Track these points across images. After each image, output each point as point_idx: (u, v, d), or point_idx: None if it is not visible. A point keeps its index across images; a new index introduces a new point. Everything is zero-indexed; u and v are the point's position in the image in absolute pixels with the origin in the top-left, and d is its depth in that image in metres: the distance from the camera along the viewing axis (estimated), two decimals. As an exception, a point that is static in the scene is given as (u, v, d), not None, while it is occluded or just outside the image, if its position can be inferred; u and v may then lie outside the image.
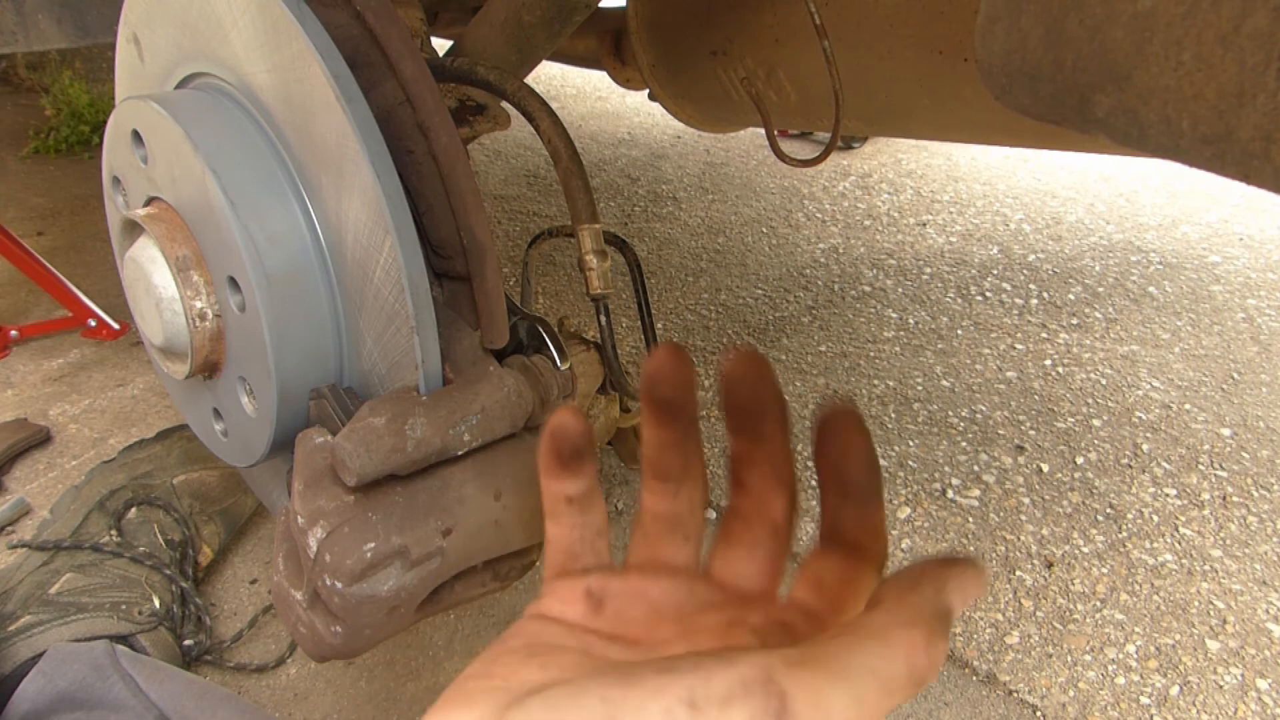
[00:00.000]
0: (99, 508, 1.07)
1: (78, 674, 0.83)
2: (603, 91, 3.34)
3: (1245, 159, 0.27)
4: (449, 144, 0.55)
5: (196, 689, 0.84)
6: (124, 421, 1.45)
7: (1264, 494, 1.33)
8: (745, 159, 2.69)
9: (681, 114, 1.19)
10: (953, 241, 2.17)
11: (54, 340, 1.67)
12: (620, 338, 1.69)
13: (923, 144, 2.74)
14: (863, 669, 0.28)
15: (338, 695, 1.00)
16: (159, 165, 0.61)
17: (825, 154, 0.91)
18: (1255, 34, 0.26)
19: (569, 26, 0.82)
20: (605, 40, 1.23)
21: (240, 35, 0.56)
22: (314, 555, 0.51)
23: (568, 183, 0.72)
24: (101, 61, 2.97)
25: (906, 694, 0.29)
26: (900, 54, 0.84)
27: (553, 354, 0.63)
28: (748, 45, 1.00)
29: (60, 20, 0.86)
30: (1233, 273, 2.02)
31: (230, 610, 1.11)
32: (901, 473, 1.37)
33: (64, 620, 0.93)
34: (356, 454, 0.51)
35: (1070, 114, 0.34)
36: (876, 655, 0.28)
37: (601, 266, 0.73)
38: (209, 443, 0.71)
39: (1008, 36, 0.36)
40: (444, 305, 0.60)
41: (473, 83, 0.76)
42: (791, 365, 1.65)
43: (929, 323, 1.80)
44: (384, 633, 0.56)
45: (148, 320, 0.62)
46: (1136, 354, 1.69)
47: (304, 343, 0.58)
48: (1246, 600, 1.14)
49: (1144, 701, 1.01)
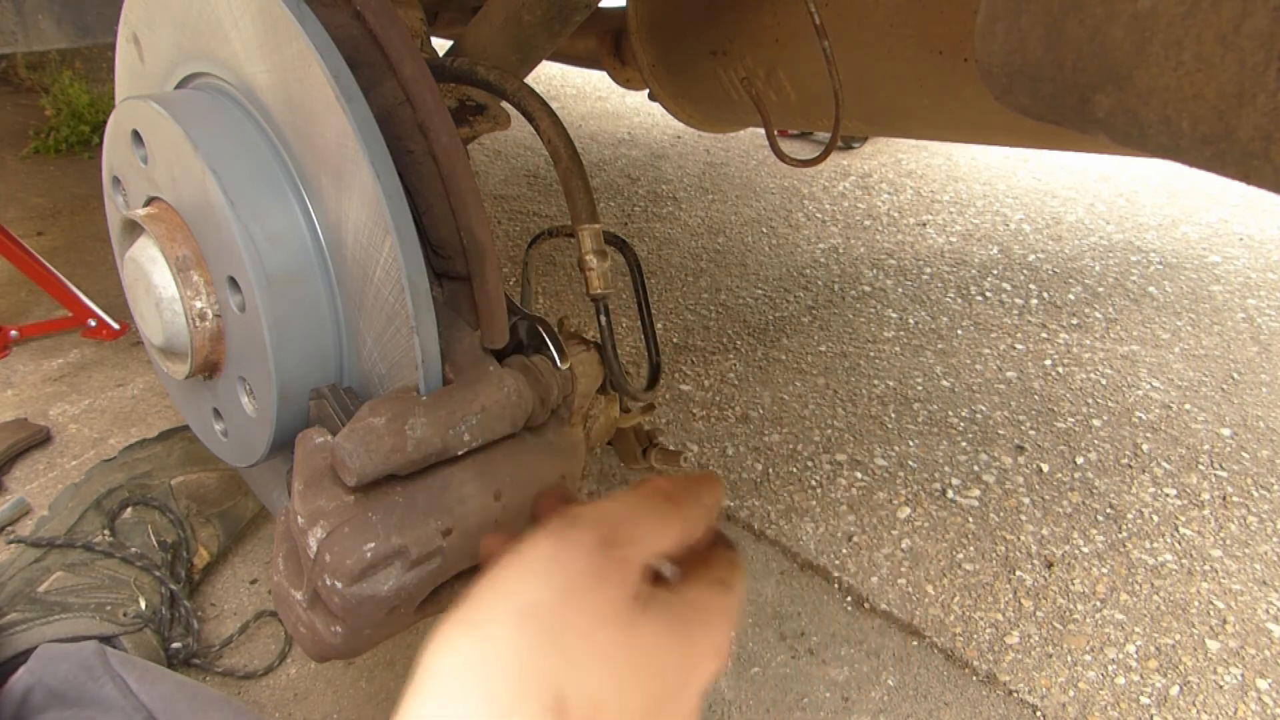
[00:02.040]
0: (96, 507, 1.07)
1: (67, 673, 0.83)
2: (603, 91, 3.34)
3: (1245, 159, 0.27)
4: (449, 144, 0.55)
5: (188, 690, 0.84)
6: (124, 421, 1.45)
7: (1264, 494, 1.33)
8: (745, 159, 2.69)
9: (681, 114, 1.19)
10: (953, 241, 2.17)
11: (54, 340, 1.67)
12: (620, 338, 1.69)
13: (923, 144, 2.74)
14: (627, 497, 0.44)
15: (338, 695, 1.00)
16: (159, 165, 0.61)
17: (825, 154, 0.91)
18: (1255, 34, 0.26)
19: (569, 26, 0.82)
20: (605, 40, 1.23)
21: (240, 35, 0.56)
22: (314, 555, 0.51)
23: (568, 183, 0.72)
24: (101, 61, 2.97)
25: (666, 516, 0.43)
26: (900, 54, 0.84)
27: (553, 354, 0.63)
28: (748, 45, 1.00)
29: (60, 20, 0.86)
30: (1233, 273, 2.02)
31: (231, 610, 1.11)
32: (901, 473, 1.37)
33: (47, 619, 0.93)
34: (356, 454, 0.51)
35: (1070, 114, 0.34)
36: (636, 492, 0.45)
37: (601, 266, 0.73)
38: (209, 443, 0.71)
39: (1008, 36, 0.36)
40: (444, 305, 0.60)
41: (473, 83, 0.76)
42: (791, 365, 1.65)
43: (929, 323, 1.80)
44: (384, 633, 0.56)
45: (148, 320, 0.62)
46: (1136, 354, 1.69)
47: (304, 343, 0.58)
48: (1246, 600, 1.14)
49: (1144, 701, 1.01)
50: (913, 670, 1.05)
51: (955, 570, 1.19)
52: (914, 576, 1.18)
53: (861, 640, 1.09)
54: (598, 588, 0.39)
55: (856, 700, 1.01)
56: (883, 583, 1.17)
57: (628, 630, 0.39)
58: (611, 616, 0.39)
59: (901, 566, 1.19)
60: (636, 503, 0.44)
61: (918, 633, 1.10)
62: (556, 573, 0.39)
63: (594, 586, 0.39)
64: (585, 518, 0.42)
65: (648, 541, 0.42)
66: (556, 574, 0.39)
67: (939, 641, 1.08)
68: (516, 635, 0.37)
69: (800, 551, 1.22)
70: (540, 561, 0.39)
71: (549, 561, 0.39)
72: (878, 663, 1.06)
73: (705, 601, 0.43)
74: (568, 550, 0.40)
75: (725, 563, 0.46)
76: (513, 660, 0.36)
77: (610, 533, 0.41)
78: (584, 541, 0.40)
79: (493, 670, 0.36)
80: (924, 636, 1.09)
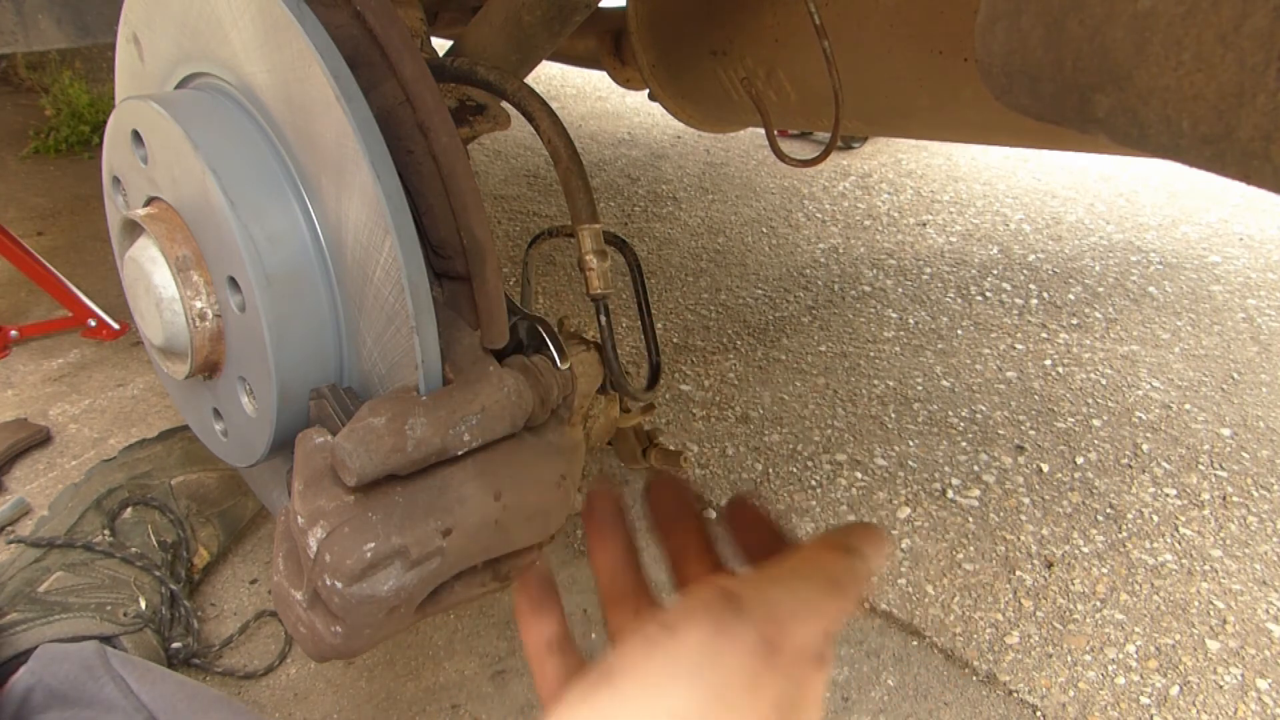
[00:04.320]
0: (96, 506, 1.07)
1: (68, 673, 0.83)
2: (603, 91, 3.34)
3: (1245, 159, 0.27)
4: (449, 144, 0.55)
5: (188, 690, 0.84)
6: (124, 421, 1.45)
7: (1264, 494, 1.33)
8: (745, 159, 2.69)
9: (681, 114, 1.19)
10: (953, 241, 2.17)
11: (54, 340, 1.67)
12: (620, 338, 1.69)
13: (923, 144, 2.74)
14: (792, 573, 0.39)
15: (338, 695, 1.00)
16: (159, 165, 0.61)
17: (825, 154, 0.91)
18: (1255, 34, 0.26)
19: (569, 26, 0.82)
20: (605, 40, 1.23)
21: (240, 35, 0.56)
22: (314, 555, 0.51)
23: (568, 183, 0.72)
24: (101, 61, 2.97)
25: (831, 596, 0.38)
26: (900, 54, 0.84)
27: (553, 354, 0.63)
28: (748, 45, 1.00)
29: (60, 20, 0.86)
30: (1233, 273, 2.02)
31: (231, 610, 1.11)
32: (901, 473, 1.37)
33: (47, 619, 0.93)
34: (356, 454, 0.51)
35: (1070, 114, 0.34)
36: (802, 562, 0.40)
37: (601, 266, 0.73)
38: (209, 443, 0.71)
39: (1008, 36, 0.36)
40: (444, 305, 0.60)
41: (473, 83, 0.76)
42: (791, 365, 1.65)
43: (929, 323, 1.80)
44: (384, 633, 0.56)
45: (148, 320, 0.62)
46: (1136, 354, 1.69)
47: (304, 343, 0.58)
48: (1246, 600, 1.14)
49: (1144, 701, 1.01)
50: (913, 670, 1.05)
51: (955, 570, 1.19)
52: (914, 576, 1.18)
53: (861, 640, 1.09)
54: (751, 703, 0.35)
55: (856, 700, 1.01)
56: (882, 582, 1.17)
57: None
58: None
59: (901, 566, 1.19)
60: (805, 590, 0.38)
61: (918, 633, 1.10)
62: (710, 673, 0.35)
63: (749, 702, 0.35)
64: (750, 605, 0.37)
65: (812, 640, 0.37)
66: (710, 675, 0.35)
67: (939, 641, 1.08)
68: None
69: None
70: (694, 655, 0.35)
71: (704, 657, 0.35)
72: (878, 663, 1.06)
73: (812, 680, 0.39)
74: (727, 648, 0.35)
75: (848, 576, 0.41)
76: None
77: (774, 630, 0.36)
78: (746, 640, 0.35)
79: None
80: (924, 636, 1.09)
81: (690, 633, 0.35)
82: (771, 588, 0.38)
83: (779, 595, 0.37)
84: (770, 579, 0.39)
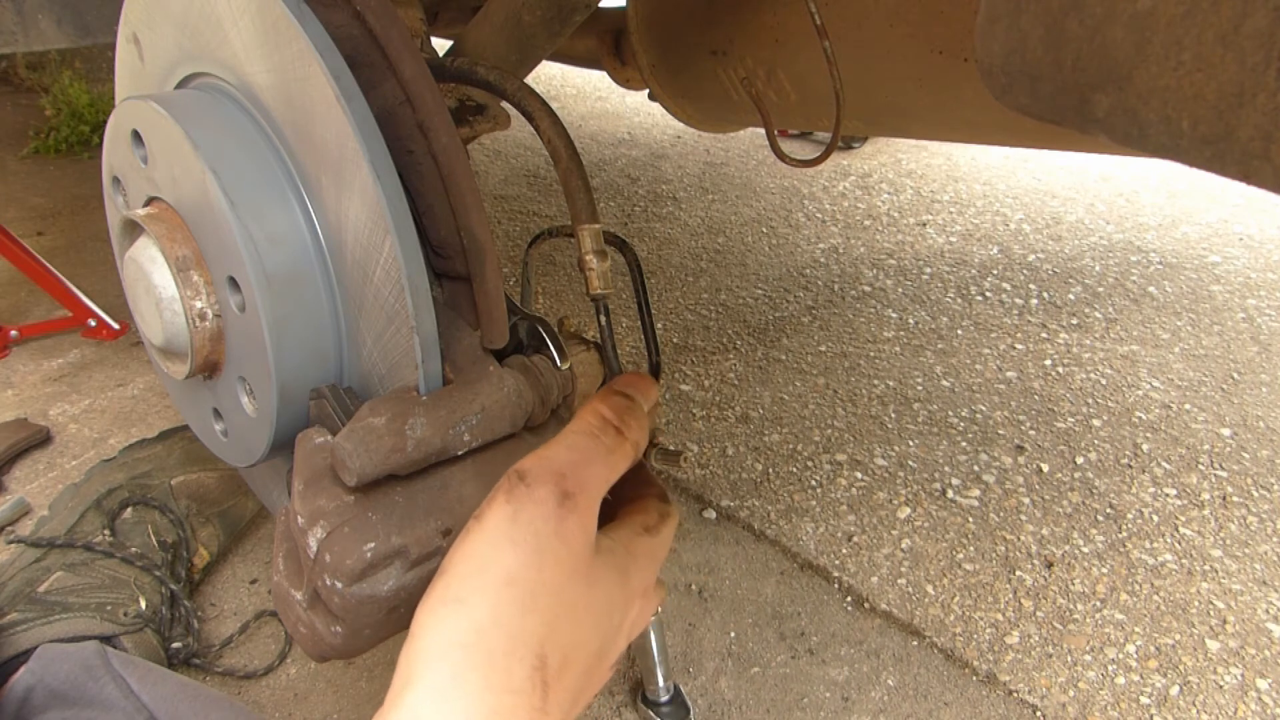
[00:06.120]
0: (95, 506, 1.07)
1: (69, 673, 0.83)
2: (603, 91, 3.34)
3: (1245, 159, 0.27)
4: (449, 144, 0.55)
5: (189, 691, 0.84)
6: (124, 421, 1.45)
7: (1264, 494, 1.33)
8: (745, 159, 2.69)
9: (682, 114, 1.19)
10: (953, 241, 2.17)
11: (54, 340, 1.67)
12: (620, 338, 1.69)
13: (923, 144, 2.74)
14: (569, 432, 0.47)
15: (338, 695, 1.00)
16: (159, 165, 0.61)
17: (825, 154, 0.91)
18: (1255, 34, 0.26)
19: (569, 26, 0.82)
20: (605, 40, 1.23)
21: (240, 35, 0.56)
22: (314, 555, 0.51)
23: (568, 183, 0.72)
24: (101, 61, 2.98)
25: (604, 436, 0.47)
26: (900, 54, 0.84)
27: (553, 354, 0.63)
28: (748, 45, 1.00)
29: (60, 20, 0.86)
30: (1233, 273, 2.02)
31: (231, 610, 1.11)
32: (901, 473, 1.37)
33: (47, 619, 0.93)
34: (356, 454, 0.51)
35: (1070, 114, 0.34)
36: (577, 421, 0.48)
37: (601, 266, 0.73)
38: (209, 443, 0.71)
39: (1008, 36, 0.36)
40: (444, 305, 0.60)
41: (473, 83, 0.76)
42: (791, 365, 1.65)
43: (929, 323, 1.80)
44: (384, 633, 0.56)
45: (148, 320, 0.62)
46: (1136, 354, 1.69)
47: (304, 343, 0.58)
48: (1246, 600, 1.14)
49: (1144, 701, 1.01)
50: (913, 670, 1.05)
51: (955, 570, 1.19)
52: (914, 576, 1.18)
53: (861, 640, 1.09)
54: (562, 545, 0.41)
55: (856, 700, 1.01)
56: (883, 583, 1.17)
57: (588, 582, 0.42)
58: (575, 570, 0.42)
59: (901, 566, 1.19)
60: (583, 442, 0.45)
61: (918, 633, 1.10)
62: (521, 536, 0.41)
63: (559, 545, 0.41)
64: (535, 471, 0.43)
65: (599, 482, 0.44)
66: (522, 537, 0.41)
67: (939, 641, 1.08)
68: (498, 605, 0.39)
69: (800, 551, 1.22)
70: (504, 526, 0.41)
71: (512, 525, 0.41)
72: (878, 663, 1.06)
73: (638, 546, 0.47)
74: (527, 510, 0.42)
75: (657, 513, 0.50)
76: (499, 631, 0.38)
77: (563, 483, 0.43)
78: (540, 499, 0.42)
79: (483, 643, 0.38)
80: (924, 636, 1.09)
81: (492, 512, 0.42)
82: (550, 449, 0.45)
83: (561, 454, 0.44)
84: (556, 446, 0.45)
